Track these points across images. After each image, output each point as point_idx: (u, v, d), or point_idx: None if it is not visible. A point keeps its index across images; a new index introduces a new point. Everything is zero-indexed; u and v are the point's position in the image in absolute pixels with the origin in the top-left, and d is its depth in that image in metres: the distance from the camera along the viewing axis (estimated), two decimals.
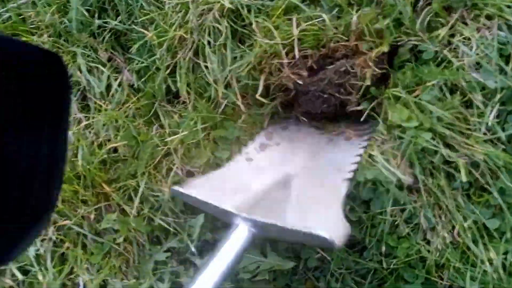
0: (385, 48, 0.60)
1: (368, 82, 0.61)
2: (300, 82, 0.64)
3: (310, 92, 0.64)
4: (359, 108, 0.65)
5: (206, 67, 0.66)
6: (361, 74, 0.61)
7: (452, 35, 0.61)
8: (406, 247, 0.61)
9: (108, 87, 0.71)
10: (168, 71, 0.68)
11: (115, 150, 0.68)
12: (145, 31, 0.69)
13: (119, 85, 0.71)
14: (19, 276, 0.64)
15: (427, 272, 0.60)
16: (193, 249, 0.61)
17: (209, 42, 0.66)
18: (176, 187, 0.60)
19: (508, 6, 0.59)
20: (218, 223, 0.65)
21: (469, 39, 0.60)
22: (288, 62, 0.63)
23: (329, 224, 0.55)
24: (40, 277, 0.63)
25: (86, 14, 0.73)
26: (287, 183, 0.65)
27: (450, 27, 0.61)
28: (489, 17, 0.60)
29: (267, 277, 0.63)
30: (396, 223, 0.62)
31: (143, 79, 0.70)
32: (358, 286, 0.62)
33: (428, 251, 0.60)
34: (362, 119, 0.65)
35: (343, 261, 0.63)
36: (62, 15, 0.74)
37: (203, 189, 0.62)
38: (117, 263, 0.63)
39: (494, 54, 0.60)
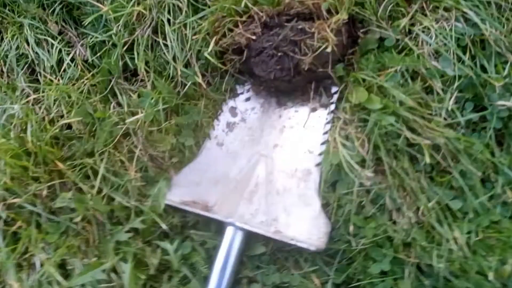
0: (344, 16, 0.61)
1: (329, 49, 0.61)
2: (254, 37, 0.63)
3: (264, 50, 0.63)
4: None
5: (166, 45, 0.66)
6: (318, 36, 0.61)
7: (413, 25, 0.65)
8: (373, 227, 0.61)
9: (60, 62, 0.68)
10: (125, 47, 0.67)
11: (69, 126, 0.65)
12: (100, 5, 0.67)
13: (72, 60, 0.68)
14: None
15: (395, 251, 0.59)
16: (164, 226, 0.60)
17: (168, 20, 0.66)
18: None
19: None
20: None
21: (428, 29, 0.64)
22: (243, 20, 0.63)
23: (311, 225, 0.60)
24: None
25: None
26: (263, 167, 0.65)
27: (410, 17, 0.65)
28: (447, 9, 0.64)
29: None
30: (362, 203, 0.62)
31: (98, 55, 0.68)
32: (327, 266, 0.61)
33: (395, 230, 0.60)
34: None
35: None
36: None
37: (184, 188, 0.63)
38: (76, 242, 0.60)
39: (452, 44, 0.64)
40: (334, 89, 0.67)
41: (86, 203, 0.61)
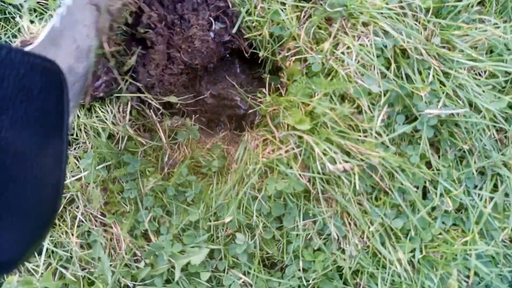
0: None
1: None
2: None
3: None
4: None
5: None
6: None
7: (336, 45, 0.63)
8: (322, 259, 0.61)
9: None
10: None
11: None
12: None
13: None
14: None
15: (344, 282, 0.60)
16: None
17: None
18: None
19: (380, 13, 0.62)
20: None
21: (350, 48, 0.62)
22: None
23: None
24: None
25: None
26: None
27: (333, 38, 0.63)
28: (365, 24, 0.62)
29: None
30: (310, 236, 0.62)
31: None
32: None
33: (344, 259, 0.61)
34: None
35: (266, 283, 0.63)
36: None
37: None
38: None
39: (374, 60, 0.62)
40: None
41: (34, 284, 0.60)
